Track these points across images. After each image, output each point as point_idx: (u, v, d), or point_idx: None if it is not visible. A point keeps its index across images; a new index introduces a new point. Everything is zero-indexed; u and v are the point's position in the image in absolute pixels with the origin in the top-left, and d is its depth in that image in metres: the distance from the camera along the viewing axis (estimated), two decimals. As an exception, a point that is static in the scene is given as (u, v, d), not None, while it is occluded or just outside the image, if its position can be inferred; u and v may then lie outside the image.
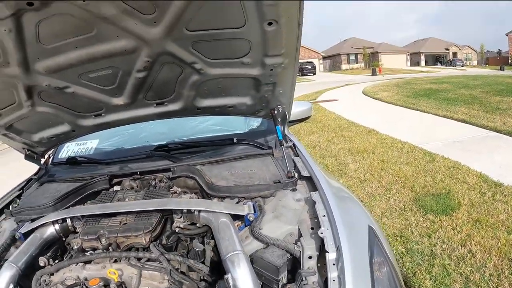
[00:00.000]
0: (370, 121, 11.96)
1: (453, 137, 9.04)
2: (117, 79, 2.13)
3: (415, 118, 12.51)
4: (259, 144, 2.86)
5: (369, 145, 8.67)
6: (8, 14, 1.46)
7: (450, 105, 13.83)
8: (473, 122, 10.59)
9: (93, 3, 1.48)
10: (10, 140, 2.61)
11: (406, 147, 8.22)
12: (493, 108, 12.57)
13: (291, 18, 1.67)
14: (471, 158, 7.08)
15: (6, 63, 1.79)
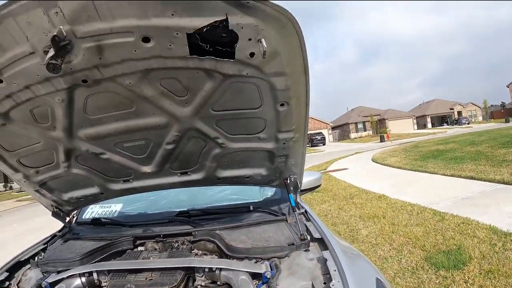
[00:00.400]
0: (380, 187, 12.06)
1: (462, 195, 9.12)
2: (148, 150, 2.40)
3: (423, 180, 12.58)
4: (273, 212, 3.00)
5: (379, 210, 8.74)
6: (64, 87, 1.75)
7: (457, 164, 13.93)
8: (481, 177, 10.68)
9: (137, 85, 1.80)
10: (41, 196, 2.81)
11: (416, 209, 8.29)
12: (499, 161, 12.69)
13: (299, 99, 2.00)
14: (480, 212, 7.16)
15: (52, 127, 2.06)
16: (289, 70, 1.77)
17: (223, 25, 1.44)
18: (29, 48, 1.49)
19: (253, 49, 1.59)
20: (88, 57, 1.58)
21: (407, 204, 8.91)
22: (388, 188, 11.68)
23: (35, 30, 1.41)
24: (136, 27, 1.45)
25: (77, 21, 1.39)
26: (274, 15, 1.46)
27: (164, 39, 1.52)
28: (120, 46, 1.54)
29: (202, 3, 1.38)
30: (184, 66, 1.69)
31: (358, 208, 9.36)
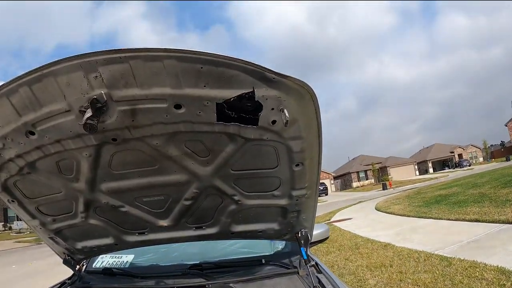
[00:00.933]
0: (385, 236, 11.99)
1: (468, 238, 9.10)
2: (166, 205, 2.45)
3: (428, 226, 12.52)
4: (285, 264, 3.02)
5: (386, 259, 8.66)
6: (93, 143, 1.84)
7: (461, 208, 13.88)
8: (485, 219, 10.68)
9: (164, 145, 1.90)
10: (54, 243, 2.81)
11: (423, 255, 8.23)
12: (502, 201, 12.68)
13: (313, 159, 2.12)
14: (487, 254, 7.14)
15: (76, 179, 2.12)
16: (305, 134, 1.90)
17: (249, 96, 1.58)
18: (65, 106, 1.59)
19: (275, 117, 1.73)
20: (121, 119, 1.68)
21: (413, 252, 8.85)
22: (394, 237, 11.62)
23: (74, 91, 1.52)
24: (170, 95, 1.58)
25: (115, 86, 1.51)
26: (294, 87, 1.61)
27: (194, 106, 1.64)
28: (153, 111, 1.66)
29: (233, 78, 1.52)
30: (209, 131, 1.81)
31: (365, 258, 9.27)
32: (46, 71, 1.47)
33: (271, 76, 1.54)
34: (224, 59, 1.46)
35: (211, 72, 1.50)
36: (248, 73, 1.52)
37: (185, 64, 1.46)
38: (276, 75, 1.54)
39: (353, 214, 21.78)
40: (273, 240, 3.36)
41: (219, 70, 1.49)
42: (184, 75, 1.50)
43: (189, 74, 1.50)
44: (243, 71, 1.51)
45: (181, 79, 1.51)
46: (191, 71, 1.49)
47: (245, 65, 1.49)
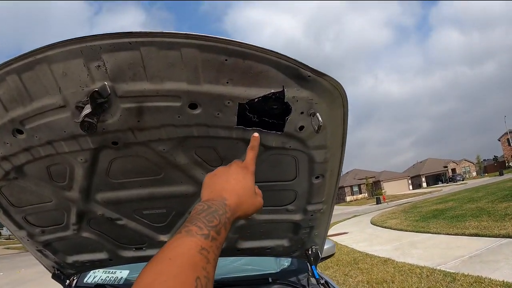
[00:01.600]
0: (384, 251, 11.81)
1: (469, 253, 8.95)
2: (169, 218, 2.22)
3: (427, 241, 12.37)
4: (293, 283, 2.90)
5: (387, 275, 8.47)
6: (90, 147, 1.56)
7: (460, 222, 13.79)
8: (485, 234, 10.58)
9: (171, 152, 1.65)
10: (43, 256, 2.59)
11: (425, 271, 8.05)
12: (502, 215, 12.62)
13: (333, 171, 1.90)
14: (491, 269, 7.01)
15: (69, 187, 1.87)
16: (330, 143, 1.70)
17: (277, 97, 1.36)
18: (60, 100, 1.33)
19: (303, 123, 1.50)
20: (125, 119, 1.43)
21: (415, 267, 8.66)
22: (393, 251, 11.44)
23: (71, 82, 1.26)
24: (186, 92, 1.33)
25: (120, 78, 1.26)
26: (329, 88, 1.39)
27: (213, 107, 1.40)
28: (164, 110, 1.41)
29: (261, 74, 1.29)
30: (226, 136, 1.57)
31: (365, 274, 9.07)
32: (39, 56, 1.21)
33: (306, 73, 1.30)
34: (255, 50, 1.22)
35: (236, 66, 1.26)
36: (280, 69, 1.29)
37: (207, 54, 1.22)
38: (312, 72, 1.31)
39: (349, 228, 21.61)
40: (278, 257, 3.20)
41: (246, 63, 1.25)
42: (204, 68, 1.25)
43: (210, 67, 1.26)
44: (275, 66, 1.27)
45: (201, 73, 1.27)
46: (213, 64, 1.25)
47: (279, 59, 1.25)
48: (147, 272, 0.74)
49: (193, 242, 0.83)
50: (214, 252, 0.86)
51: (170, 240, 0.84)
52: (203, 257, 0.81)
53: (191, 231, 0.86)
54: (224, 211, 1.00)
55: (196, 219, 0.92)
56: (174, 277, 0.72)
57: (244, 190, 1.15)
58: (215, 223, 0.93)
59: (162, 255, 0.79)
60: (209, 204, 1.01)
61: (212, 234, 0.88)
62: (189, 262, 0.78)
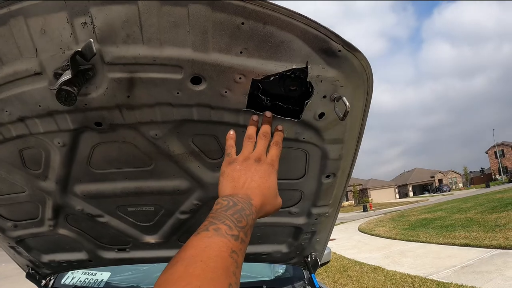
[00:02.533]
0: (373, 259, 11.68)
1: (461, 263, 8.86)
2: (156, 218, 1.99)
3: (417, 250, 12.27)
4: None
5: (378, 283, 8.31)
6: (70, 127, 1.32)
7: (449, 232, 13.75)
8: (476, 244, 10.53)
9: (164, 138, 1.41)
10: (16, 254, 2.36)
11: (417, 280, 7.91)
12: (492, 226, 12.61)
13: (344, 170, 1.67)
14: (484, 279, 6.94)
15: (44, 176, 1.62)
16: (347, 137, 1.47)
17: (298, 74, 1.13)
18: (36, 65, 1.08)
19: (324, 109, 1.27)
20: (113, 93, 1.18)
21: (406, 276, 8.51)
22: (382, 259, 11.32)
23: (50, 43, 1.02)
24: (190, 61, 1.09)
25: (110, 40, 1.02)
26: (357, 70, 1.16)
27: (220, 82, 1.15)
28: (160, 84, 1.16)
29: (283, 44, 1.05)
30: (232, 122, 1.31)
31: (355, 282, 8.90)
32: (14, 7, 0.96)
33: (337, 47, 1.06)
34: (281, 13, 0.98)
35: (254, 32, 1.02)
36: (307, 40, 1.04)
37: (220, 15, 0.98)
38: (344, 46, 1.06)
39: (337, 235, 21.46)
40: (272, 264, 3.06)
41: (266, 30, 1.01)
42: (216, 31, 1.01)
43: (223, 32, 1.01)
44: (301, 35, 1.03)
45: (210, 38, 1.02)
46: (226, 27, 1.00)
47: (307, 26, 1.01)
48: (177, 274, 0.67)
49: (224, 244, 0.75)
50: (242, 256, 0.80)
51: (195, 238, 0.77)
52: (234, 261, 0.74)
53: (220, 230, 0.78)
54: (250, 211, 0.91)
55: (223, 216, 0.84)
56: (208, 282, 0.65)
57: (269, 190, 1.04)
58: (243, 223, 0.85)
59: (191, 256, 0.71)
60: (235, 201, 0.91)
61: (241, 236, 0.81)
62: (222, 266, 0.70)
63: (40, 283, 2.68)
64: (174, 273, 0.67)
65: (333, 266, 11.24)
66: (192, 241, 0.76)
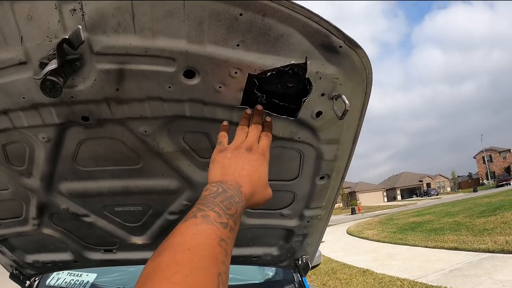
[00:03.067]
0: (362, 261, 11.69)
1: (449, 266, 8.88)
2: (144, 218, 1.94)
3: (406, 253, 12.30)
4: None
5: (367, 286, 8.32)
6: (55, 122, 1.26)
7: (438, 235, 13.80)
8: (465, 248, 10.58)
9: (154, 135, 1.36)
10: None
11: (406, 283, 7.92)
12: (480, 230, 12.68)
13: (339, 172, 1.64)
14: (473, 283, 6.97)
15: (28, 173, 1.56)
16: (343, 138, 1.43)
17: (296, 70, 1.08)
18: (21, 54, 1.03)
19: (322, 107, 1.22)
20: (101, 85, 1.12)
21: (395, 279, 8.52)
22: (371, 262, 11.33)
23: (36, 30, 0.97)
24: (183, 53, 1.03)
25: (100, 28, 0.97)
26: (358, 67, 1.12)
27: (214, 76, 1.10)
28: (151, 76, 1.10)
29: (282, 38, 1.00)
30: (224, 119, 1.26)
31: (344, 285, 8.88)
32: None
33: (338, 43, 1.02)
34: (281, 4, 0.93)
35: (253, 24, 0.97)
36: (307, 34, 1.00)
37: (217, 4, 0.93)
38: (346, 41, 1.02)
39: (325, 237, 21.34)
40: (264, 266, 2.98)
41: (265, 22, 0.96)
42: (212, 22, 0.96)
43: (220, 23, 0.96)
44: (301, 29, 0.98)
45: (206, 29, 0.97)
46: (224, 18, 0.95)
47: (309, 19, 0.96)
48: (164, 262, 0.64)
49: (213, 231, 0.72)
50: (232, 244, 0.76)
51: (183, 225, 0.73)
52: (223, 250, 0.71)
53: (208, 217, 0.75)
54: (240, 199, 0.88)
55: (212, 203, 0.80)
56: (197, 271, 0.62)
57: (259, 180, 1.00)
58: (232, 211, 0.82)
59: (178, 244, 0.68)
60: (224, 188, 0.88)
61: (230, 224, 0.78)
62: (211, 254, 0.67)
63: (24, 283, 2.62)
64: (161, 261, 0.64)
65: (322, 269, 11.22)
66: (180, 228, 0.73)
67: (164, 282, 0.59)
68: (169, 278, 0.59)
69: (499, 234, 11.08)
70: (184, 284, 0.59)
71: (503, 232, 11.36)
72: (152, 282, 0.60)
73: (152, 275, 0.62)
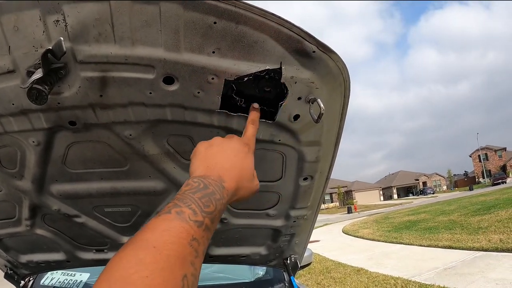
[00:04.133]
0: (357, 260, 11.71)
1: (444, 265, 8.92)
2: (133, 218, 1.98)
3: (401, 251, 12.34)
4: None
5: (361, 285, 8.34)
6: (44, 126, 1.32)
7: (433, 234, 13.85)
8: (459, 246, 10.63)
9: (139, 138, 1.41)
10: None
11: (400, 282, 7.94)
12: (475, 228, 12.73)
13: (323, 173, 1.69)
14: (467, 281, 6.98)
15: (20, 175, 1.61)
16: (324, 140, 1.47)
17: (271, 75, 1.11)
18: (9, 63, 1.08)
19: (299, 111, 1.26)
20: (85, 91, 1.17)
21: (389, 278, 8.55)
22: (366, 261, 11.36)
23: (23, 41, 1.02)
24: (161, 61, 1.08)
25: (82, 38, 1.01)
26: (333, 71, 1.15)
27: (192, 82, 1.14)
28: (133, 83, 1.15)
29: (256, 44, 1.04)
30: (205, 123, 1.32)
31: (338, 283, 8.89)
32: None
33: (311, 48, 1.05)
34: (254, 12, 0.97)
35: (227, 32, 1.01)
36: (280, 41, 1.03)
37: (192, 13, 0.96)
38: (318, 47, 1.06)
39: (321, 236, 21.52)
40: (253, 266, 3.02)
41: (239, 30, 1.00)
42: (187, 31, 1.00)
43: (195, 31, 1.00)
44: (274, 36, 1.02)
45: (182, 38, 1.01)
46: (199, 26, 0.99)
47: (281, 26, 1.00)
48: (125, 258, 0.60)
49: (184, 230, 0.68)
50: (204, 244, 0.72)
51: (155, 220, 0.68)
52: (193, 250, 0.67)
53: (183, 214, 0.71)
54: (221, 196, 0.84)
55: (190, 199, 0.76)
56: (159, 272, 0.58)
57: (245, 172, 0.97)
58: (211, 208, 0.77)
59: (145, 240, 0.64)
60: (206, 184, 0.84)
61: (206, 223, 0.74)
62: (178, 255, 0.63)
63: (19, 283, 2.66)
64: (122, 258, 0.60)
65: (316, 268, 11.26)
66: (151, 223, 0.68)
67: (120, 283, 0.56)
68: (127, 278, 0.56)
69: (493, 233, 11.15)
70: (141, 285, 0.55)
71: (498, 230, 11.43)
72: (108, 281, 0.57)
73: (111, 273, 0.59)
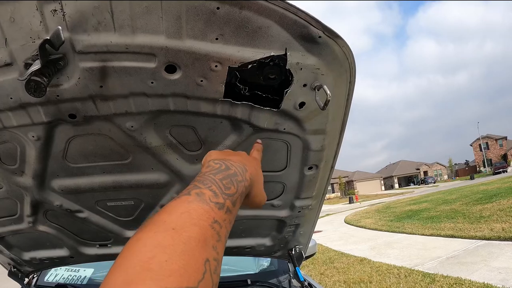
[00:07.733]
0: (359, 250, 11.74)
1: (446, 254, 8.94)
2: (136, 212, 1.95)
3: (403, 241, 12.35)
4: (273, 285, 2.74)
5: (364, 274, 8.33)
6: (43, 120, 1.28)
7: (435, 223, 13.86)
8: (461, 235, 10.62)
9: (141, 130, 1.37)
10: None
11: (403, 271, 7.95)
12: (477, 217, 12.73)
13: (328, 162, 1.66)
14: (470, 270, 6.98)
15: (20, 171, 1.58)
16: (329, 128, 1.44)
17: (277, 62, 1.08)
18: (6, 56, 1.05)
19: (305, 98, 1.23)
20: (85, 83, 1.13)
21: (392, 267, 8.56)
22: (369, 251, 11.38)
23: (20, 32, 0.99)
24: (163, 49, 1.05)
25: (81, 27, 0.98)
26: (339, 57, 1.12)
27: (195, 70, 1.11)
28: (134, 73, 1.12)
29: (261, 30, 1.01)
30: (209, 112, 1.28)
31: (341, 273, 8.90)
32: None
33: (317, 33, 1.02)
34: None
35: (230, 17, 0.97)
36: (285, 26, 1.00)
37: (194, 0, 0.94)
38: (325, 32, 1.03)
39: (323, 226, 21.54)
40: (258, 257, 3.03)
41: (243, 15, 0.97)
42: (190, 17, 0.97)
43: (197, 17, 0.97)
44: (279, 21, 0.99)
45: (184, 24, 0.98)
46: (201, 12, 0.96)
47: (286, 10, 0.97)
48: (142, 241, 0.54)
49: (205, 212, 0.63)
50: (227, 228, 0.67)
51: (174, 202, 0.64)
52: (215, 233, 0.62)
53: (203, 195, 0.66)
54: (243, 178, 0.80)
55: (210, 180, 0.72)
56: (179, 256, 0.52)
57: (259, 177, 0.94)
58: (232, 190, 0.73)
59: (163, 221, 0.59)
60: (228, 165, 0.80)
61: (228, 205, 0.69)
62: (199, 237, 0.58)
63: (23, 281, 2.64)
64: (139, 240, 0.55)
65: (319, 258, 11.28)
66: (170, 205, 0.64)
67: (137, 268, 0.50)
68: (144, 263, 0.50)
69: (495, 222, 11.14)
70: (161, 271, 0.49)
71: (500, 219, 11.42)
72: (124, 266, 0.51)
73: (127, 257, 0.53)
